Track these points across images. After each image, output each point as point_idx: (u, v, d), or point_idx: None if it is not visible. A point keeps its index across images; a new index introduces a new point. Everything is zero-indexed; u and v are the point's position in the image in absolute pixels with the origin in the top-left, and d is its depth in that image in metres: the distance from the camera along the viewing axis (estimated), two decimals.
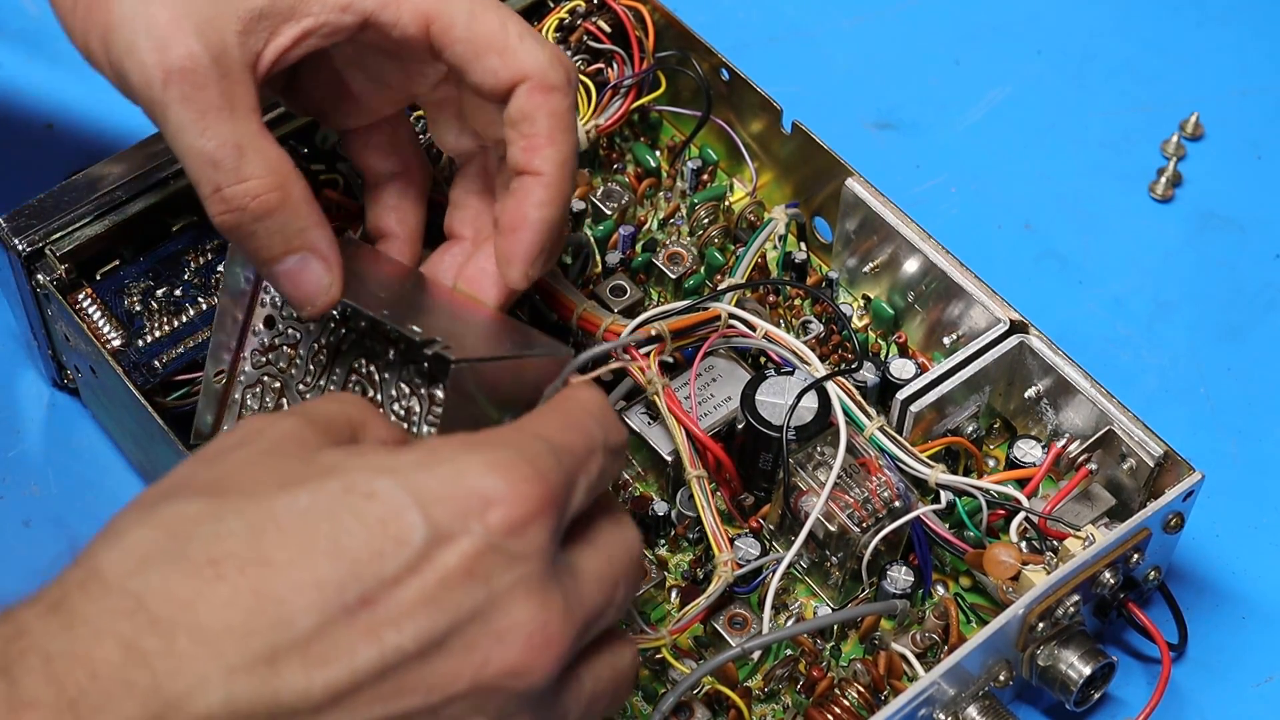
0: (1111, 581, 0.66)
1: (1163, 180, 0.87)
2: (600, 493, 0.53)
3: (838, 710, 0.65)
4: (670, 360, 0.70)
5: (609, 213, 0.79)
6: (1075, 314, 0.82)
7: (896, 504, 0.67)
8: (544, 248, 0.63)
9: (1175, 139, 0.88)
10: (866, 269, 0.77)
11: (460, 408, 0.59)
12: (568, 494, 0.50)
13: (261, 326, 0.65)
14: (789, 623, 0.68)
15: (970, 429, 0.73)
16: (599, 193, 0.79)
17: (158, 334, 0.71)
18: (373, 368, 0.64)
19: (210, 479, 0.48)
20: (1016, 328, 0.71)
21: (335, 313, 0.64)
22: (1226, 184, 0.88)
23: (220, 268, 0.71)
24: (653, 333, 0.68)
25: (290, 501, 0.47)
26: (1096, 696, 0.68)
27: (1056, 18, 0.94)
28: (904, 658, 0.66)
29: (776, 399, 0.68)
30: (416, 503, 0.47)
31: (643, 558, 0.55)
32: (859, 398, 0.69)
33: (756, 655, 0.66)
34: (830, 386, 0.68)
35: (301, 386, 0.65)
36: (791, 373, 0.69)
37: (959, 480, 0.67)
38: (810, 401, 0.68)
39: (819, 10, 0.94)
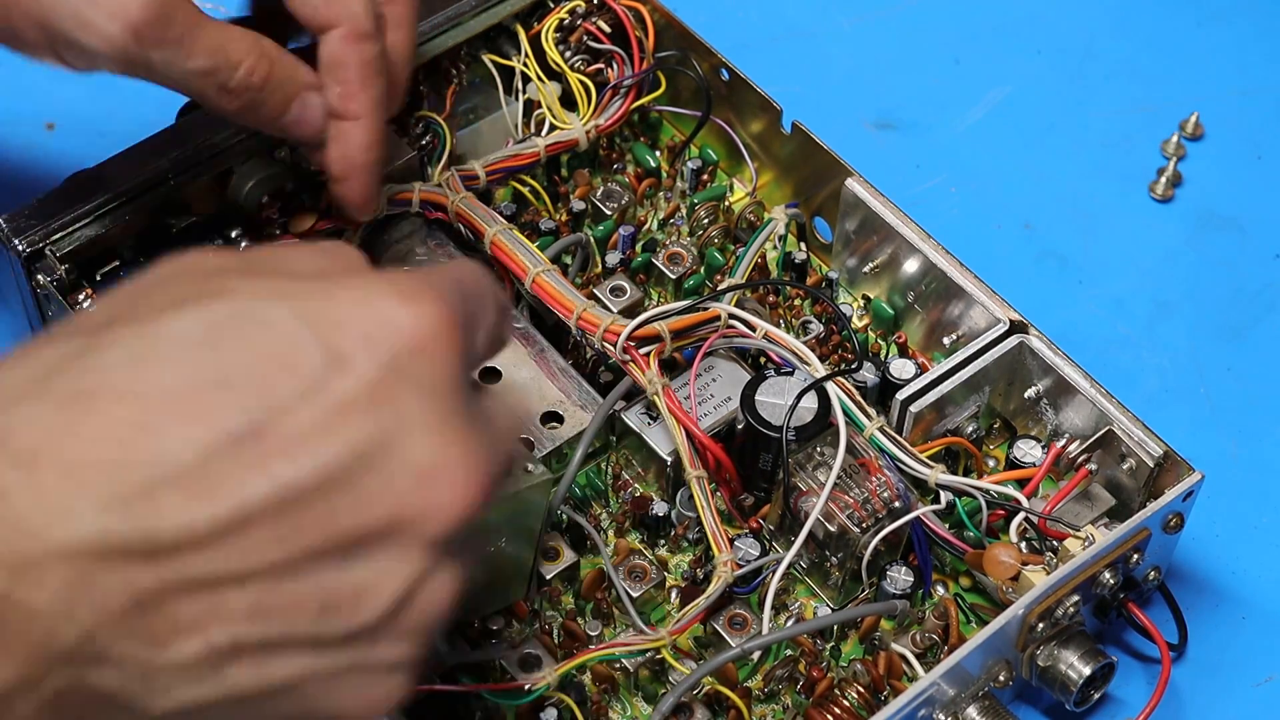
0: (1111, 581, 0.66)
1: (1163, 180, 0.87)
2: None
3: (838, 710, 0.65)
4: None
5: (609, 213, 0.78)
6: (1075, 314, 0.82)
7: (896, 504, 0.67)
8: (379, 185, 0.68)
9: (1175, 139, 0.88)
10: (866, 269, 0.77)
11: None
12: (470, 329, 0.48)
13: None
14: (789, 623, 0.68)
15: (970, 429, 0.73)
16: (599, 193, 0.79)
17: None
18: None
19: (104, 315, 0.45)
20: (1016, 328, 0.71)
21: None
22: (1226, 184, 0.88)
23: None
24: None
25: (174, 326, 0.44)
26: (1096, 696, 0.68)
27: (1056, 18, 0.94)
28: (904, 658, 0.66)
29: (776, 399, 0.68)
30: (313, 329, 0.44)
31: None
32: (859, 398, 0.69)
33: (756, 655, 0.66)
34: (830, 387, 0.68)
35: None
36: (791, 373, 0.69)
37: (959, 480, 0.67)
38: (810, 402, 0.68)
39: (819, 10, 0.94)
